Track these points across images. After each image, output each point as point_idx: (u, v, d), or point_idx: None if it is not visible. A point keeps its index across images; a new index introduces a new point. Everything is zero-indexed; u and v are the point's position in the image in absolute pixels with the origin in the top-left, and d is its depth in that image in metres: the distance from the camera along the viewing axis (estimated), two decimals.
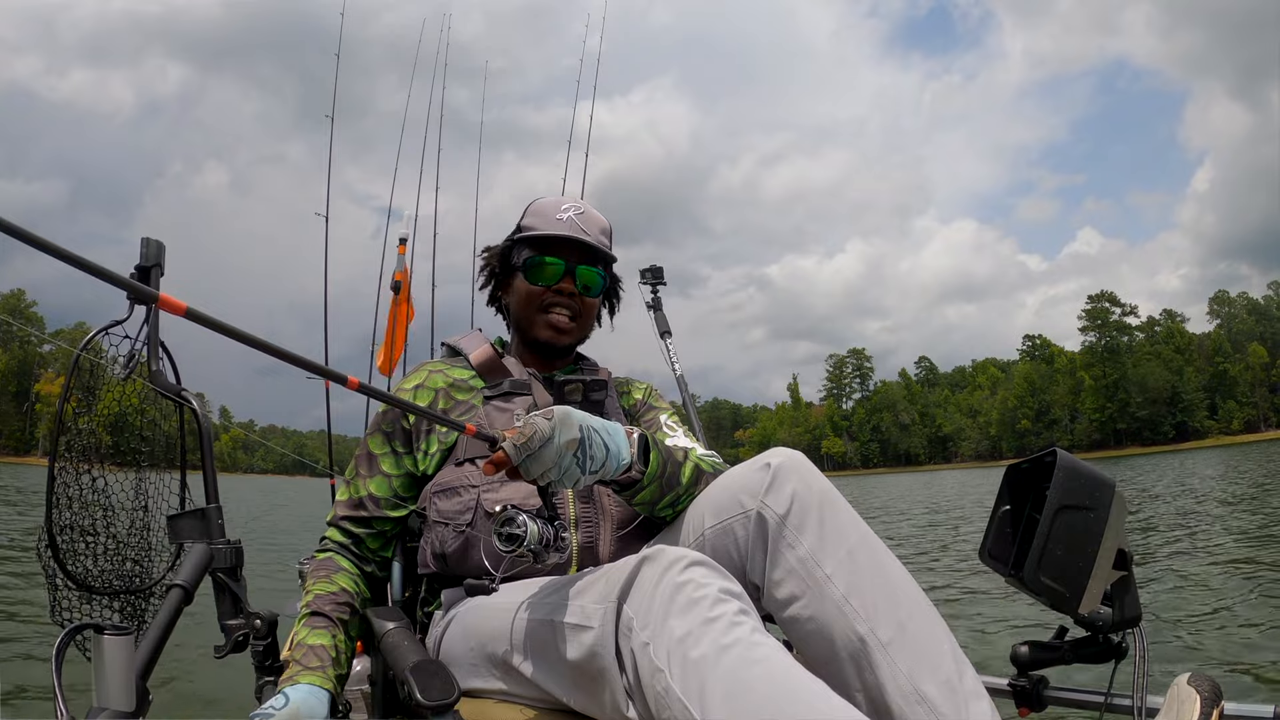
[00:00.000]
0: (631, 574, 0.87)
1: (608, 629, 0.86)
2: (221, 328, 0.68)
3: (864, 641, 0.92)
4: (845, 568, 0.96)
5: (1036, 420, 75.88)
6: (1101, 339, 73.55)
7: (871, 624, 0.93)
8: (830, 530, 0.98)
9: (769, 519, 1.00)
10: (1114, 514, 1.12)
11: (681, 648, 0.80)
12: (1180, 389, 69.04)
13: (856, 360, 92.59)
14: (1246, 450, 41.82)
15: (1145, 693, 1.16)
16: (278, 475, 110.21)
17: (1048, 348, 79.55)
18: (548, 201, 1.41)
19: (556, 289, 1.35)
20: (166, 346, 1.43)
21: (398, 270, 3.12)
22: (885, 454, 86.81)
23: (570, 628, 0.91)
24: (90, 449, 1.46)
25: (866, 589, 0.95)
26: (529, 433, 0.91)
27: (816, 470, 1.04)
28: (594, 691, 0.89)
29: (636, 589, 0.86)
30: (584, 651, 0.89)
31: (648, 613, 0.83)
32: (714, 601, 0.82)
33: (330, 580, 1.21)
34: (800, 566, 0.97)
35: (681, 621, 0.81)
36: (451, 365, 1.39)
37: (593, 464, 0.97)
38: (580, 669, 0.90)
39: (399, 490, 1.29)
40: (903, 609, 0.94)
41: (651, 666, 0.81)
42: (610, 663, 0.86)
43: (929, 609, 0.96)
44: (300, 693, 1.02)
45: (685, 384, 2.52)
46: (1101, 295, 75.17)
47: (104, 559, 1.48)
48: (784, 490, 1.00)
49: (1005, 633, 4.48)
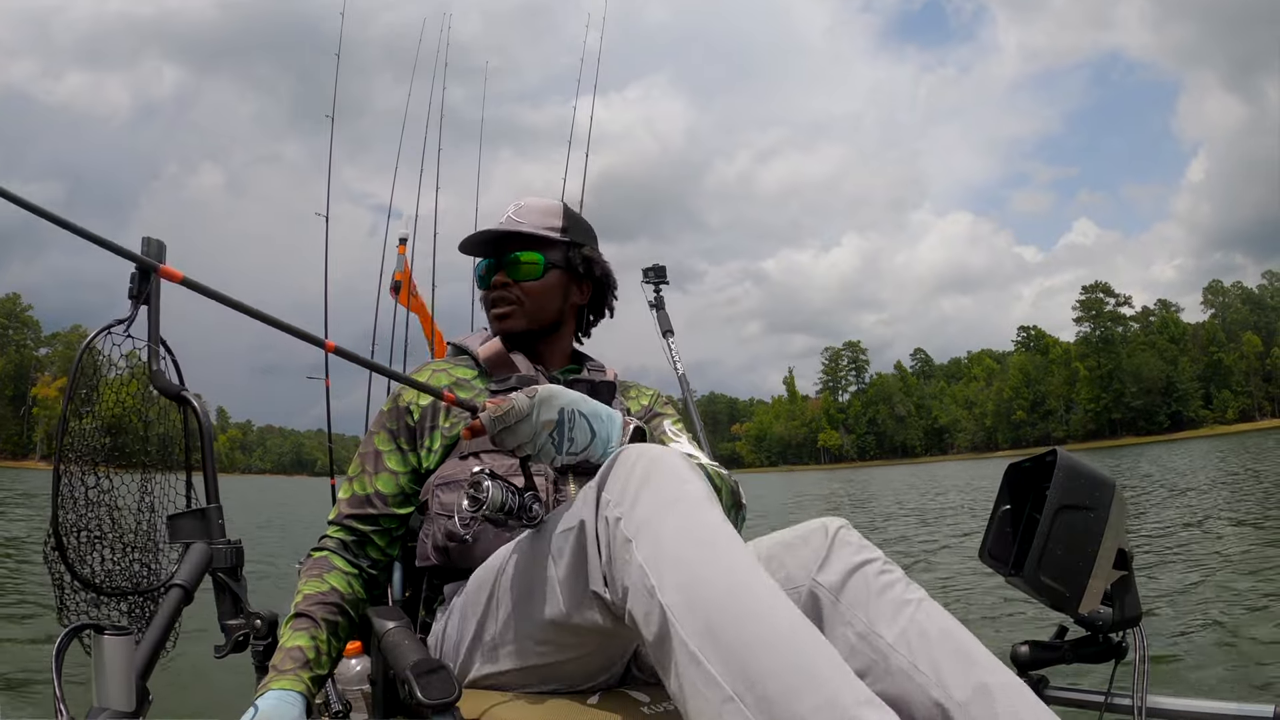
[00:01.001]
0: (610, 463, 0.94)
1: (589, 512, 0.92)
2: (215, 295, 0.77)
3: (943, 708, 0.90)
4: (906, 634, 0.95)
5: (1032, 411, 75.88)
6: (1096, 329, 73.51)
7: (945, 688, 0.91)
8: (886, 599, 0.98)
9: (822, 598, 1.00)
10: (1114, 514, 1.12)
11: (650, 521, 0.85)
12: (1175, 379, 69.00)
13: (852, 353, 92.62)
14: (1241, 439, 41.80)
15: (1145, 692, 1.16)
16: (275, 475, 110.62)
17: (1042, 339, 79.49)
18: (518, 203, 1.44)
19: (493, 283, 1.38)
20: (168, 346, 1.43)
21: (398, 270, 3.12)
22: (881, 446, 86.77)
23: (561, 534, 0.96)
24: (94, 449, 1.46)
25: (934, 653, 0.93)
26: (506, 408, 0.95)
27: (862, 538, 1.04)
28: (579, 580, 0.93)
29: (614, 474, 0.91)
30: (570, 543, 0.94)
31: (622, 491, 0.89)
32: (682, 481, 0.89)
33: (321, 579, 1.21)
34: (861, 642, 0.97)
35: (651, 497, 0.87)
36: (455, 364, 1.39)
37: (571, 446, 1.01)
38: (571, 567, 0.94)
39: (405, 487, 1.29)
40: (974, 666, 0.92)
41: (621, 538, 0.86)
42: (590, 541, 0.91)
43: (995, 663, 0.94)
44: (269, 701, 1.03)
45: (687, 383, 2.53)
46: (1096, 286, 75.25)
47: (111, 560, 1.48)
48: (836, 565, 1.00)
49: (1005, 632, 4.48)
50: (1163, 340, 71.44)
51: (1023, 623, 4.62)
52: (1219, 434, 59.16)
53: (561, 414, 0.99)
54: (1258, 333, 68.54)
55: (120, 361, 1.43)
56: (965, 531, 10.01)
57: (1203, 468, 20.01)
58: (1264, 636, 4.04)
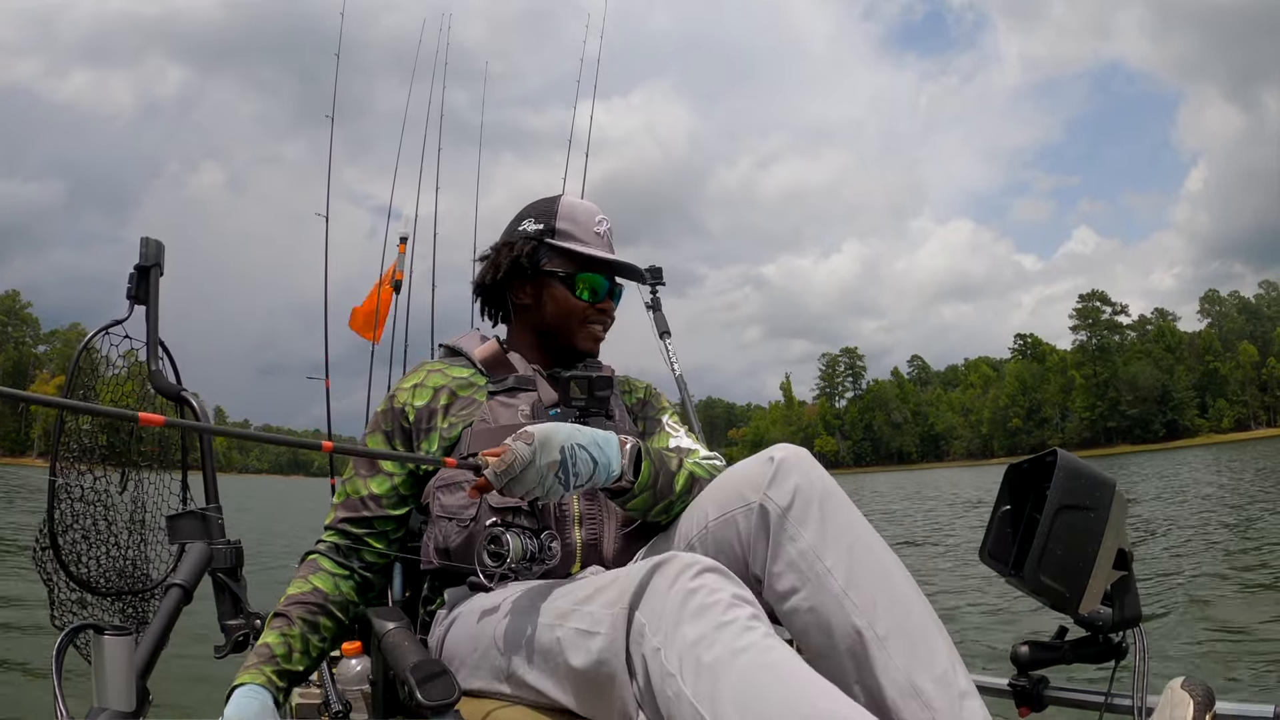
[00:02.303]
0: (644, 580, 0.87)
1: (618, 635, 0.86)
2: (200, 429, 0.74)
3: (862, 635, 0.93)
4: (845, 562, 0.97)
5: (1028, 419, 75.86)
6: (1092, 338, 73.60)
7: (870, 618, 0.94)
8: (831, 524, 0.99)
9: (771, 511, 1.01)
10: (1114, 514, 1.12)
11: (694, 652, 0.79)
12: (1171, 387, 68.99)
13: (849, 359, 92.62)
14: (1238, 448, 41.91)
15: (1145, 693, 1.16)
16: (272, 475, 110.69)
17: (1039, 346, 79.61)
18: (581, 208, 1.40)
19: (600, 308, 1.38)
20: (166, 346, 1.43)
21: (398, 270, 3.13)
22: (877, 452, 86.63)
23: (578, 633, 0.91)
24: (90, 449, 1.46)
25: (866, 584, 0.96)
26: (509, 460, 0.95)
27: (819, 465, 1.05)
28: (601, 698, 0.88)
29: (649, 595, 0.85)
30: (592, 658, 0.88)
31: (660, 618, 0.83)
32: (727, 606, 0.82)
33: (305, 580, 1.22)
34: (801, 559, 0.98)
35: (694, 627, 0.81)
36: (450, 365, 1.39)
37: (577, 480, 1.00)
38: (587, 676, 0.89)
39: (400, 489, 1.29)
40: (900, 605, 0.95)
41: (663, 671, 0.80)
42: (620, 669, 0.85)
43: (925, 606, 0.97)
44: (233, 702, 1.04)
45: (685, 384, 2.52)
46: (1092, 294, 75.12)
47: (105, 560, 1.48)
48: (786, 484, 1.01)
49: (1005, 632, 4.49)
50: (1159, 349, 71.49)
51: (1022, 623, 4.63)
52: (1215, 443, 59.35)
53: (563, 452, 0.99)
54: (1254, 342, 68.59)
55: (118, 361, 1.44)
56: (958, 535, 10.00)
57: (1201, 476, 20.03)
58: (1264, 636, 4.05)
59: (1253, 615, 4.53)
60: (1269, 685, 3.28)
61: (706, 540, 1.08)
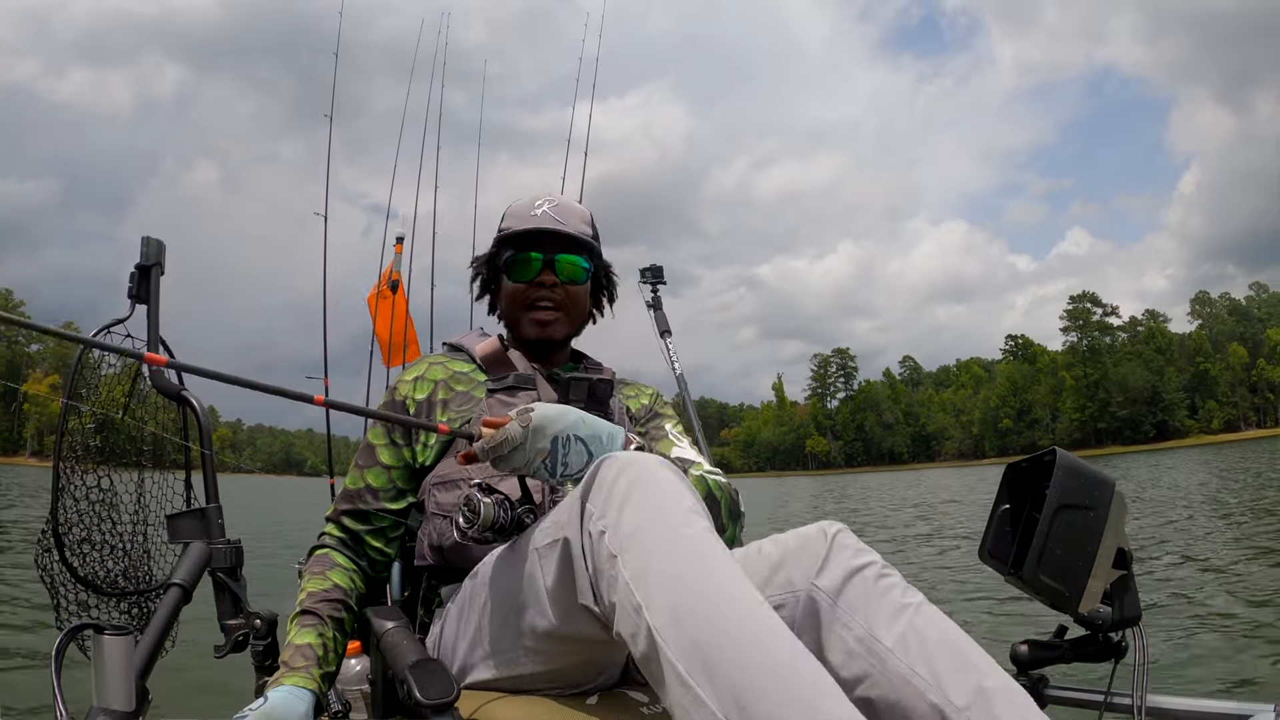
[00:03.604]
0: (592, 474, 0.92)
1: (574, 524, 0.90)
2: (203, 372, 0.81)
3: (940, 712, 0.90)
4: (904, 638, 0.94)
5: (1018, 419, 75.99)
6: (1083, 339, 73.62)
7: (944, 692, 0.90)
8: (885, 603, 0.97)
9: (821, 602, 0.98)
10: (1114, 513, 1.12)
11: (635, 536, 0.83)
12: (1161, 389, 69.05)
13: (841, 359, 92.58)
14: (1228, 450, 41.92)
15: (1145, 692, 1.16)
16: (264, 475, 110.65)
17: (1030, 347, 79.65)
18: (522, 201, 1.41)
19: (538, 282, 1.34)
20: (168, 346, 1.43)
21: (396, 270, 3.12)
22: (869, 453, 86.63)
23: (547, 547, 0.95)
24: (93, 449, 1.46)
25: (933, 657, 0.92)
26: (499, 439, 0.97)
27: (860, 542, 1.02)
28: (567, 592, 0.92)
29: (597, 486, 0.90)
30: (555, 559, 0.92)
31: (606, 503, 0.87)
32: (666, 494, 0.86)
33: (324, 577, 1.21)
34: (859, 646, 0.95)
35: (635, 510, 0.85)
36: (452, 359, 1.39)
37: (565, 469, 1.01)
38: (558, 580, 0.92)
39: (397, 481, 1.29)
40: (973, 671, 0.91)
41: (607, 553, 0.85)
42: (578, 555, 0.89)
43: (993, 666, 0.93)
44: (279, 694, 1.03)
45: (685, 383, 2.52)
46: (1083, 296, 75.39)
47: (110, 560, 1.47)
48: (834, 569, 0.99)
49: (1005, 632, 4.49)
50: (1149, 350, 71.54)
51: (1022, 622, 4.62)
52: (1204, 443, 59.41)
53: (554, 442, 0.99)
54: (1244, 344, 68.69)
55: (114, 360, 1.43)
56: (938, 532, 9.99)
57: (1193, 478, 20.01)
58: (1264, 636, 4.05)
59: (1253, 615, 4.53)
60: (1269, 685, 3.28)
61: None
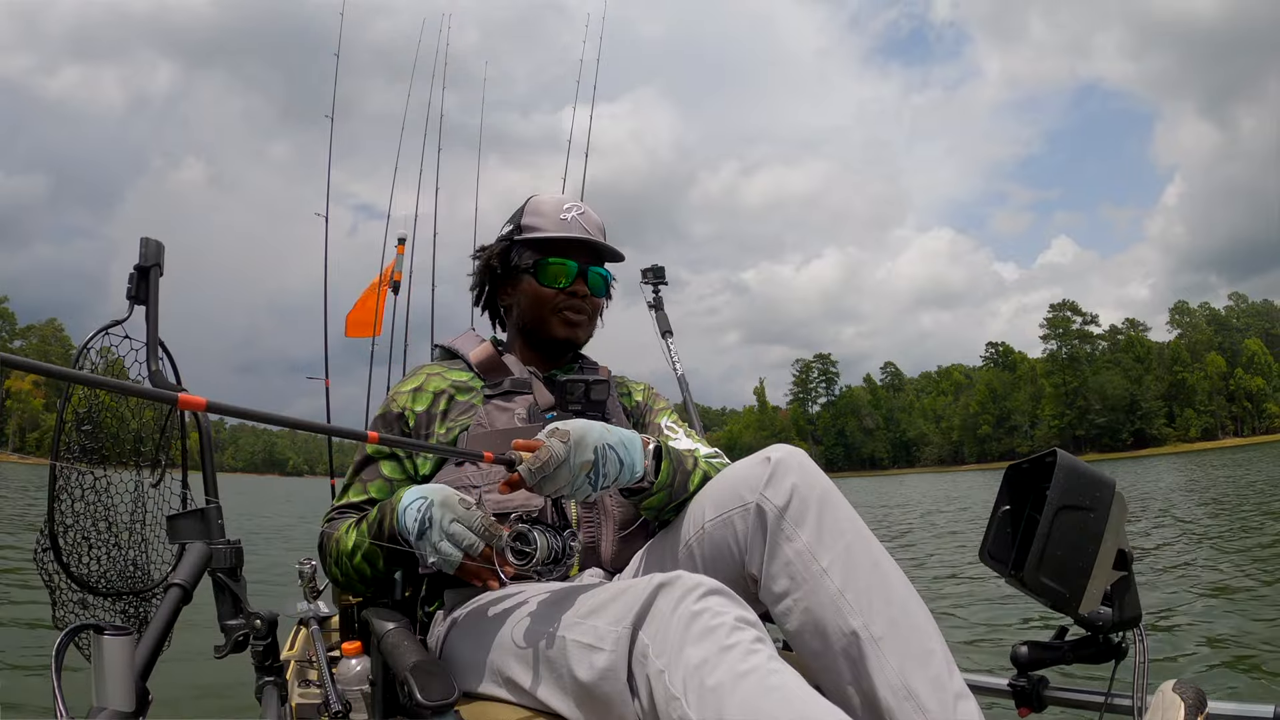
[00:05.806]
0: (647, 600, 0.87)
1: (621, 653, 0.86)
2: (243, 414, 0.78)
3: (857, 636, 0.93)
4: (841, 562, 0.97)
5: (997, 426, 76.07)
6: (1062, 347, 73.74)
7: (865, 619, 0.94)
8: (828, 525, 0.99)
9: (768, 511, 1.01)
10: (1114, 514, 1.12)
11: (698, 675, 0.79)
12: (1139, 397, 69.17)
13: (823, 365, 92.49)
14: (1205, 457, 41.99)
15: (1145, 693, 1.16)
16: (247, 474, 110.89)
17: (1010, 355, 79.76)
18: (548, 200, 1.40)
19: (570, 291, 1.35)
20: (166, 346, 1.42)
21: (397, 270, 3.13)
22: (849, 458, 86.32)
23: (581, 647, 0.90)
24: (89, 449, 1.46)
25: (861, 584, 0.96)
26: (544, 457, 0.96)
27: (816, 466, 1.04)
28: (602, 714, 0.88)
29: (652, 616, 0.85)
30: (595, 674, 0.87)
31: (664, 640, 0.83)
32: (730, 629, 0.82)
33: (353, 523, 1.21)
34: (797, 559, 0.98)
35: (698, 649, 0.81)
36: (448, 368, 1.39)
37: (605, 480, 1.01)
38: (589, 689, 0.88)
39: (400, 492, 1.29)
40: (895, 606, 0.96)
41: (667, 694, 0.80)
42: (622, 687, 0.85)
43: (920, 607, 0.97)
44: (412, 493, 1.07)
45: (686, 383, 2.52)
46: (1063, 304, 75.49)
47: (106, 560, 1.47)
48: (784, 484, 1.01)
49: (1005, 632, 4.48)
50: (1128, 359, 71.63)
51: (1022, 623, 4.62)
52: (1182, 451, 59.67)
53: (596, 452, 1.00)
54: (1222, 353, 68.77)
55: (97, 360, 1.43)
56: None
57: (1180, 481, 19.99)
58: (1264, 636, 4.04)
59: (1253, 615, 4.53)
60: (1269, 685, 3.28)
61: (704, 541, 1.07)
